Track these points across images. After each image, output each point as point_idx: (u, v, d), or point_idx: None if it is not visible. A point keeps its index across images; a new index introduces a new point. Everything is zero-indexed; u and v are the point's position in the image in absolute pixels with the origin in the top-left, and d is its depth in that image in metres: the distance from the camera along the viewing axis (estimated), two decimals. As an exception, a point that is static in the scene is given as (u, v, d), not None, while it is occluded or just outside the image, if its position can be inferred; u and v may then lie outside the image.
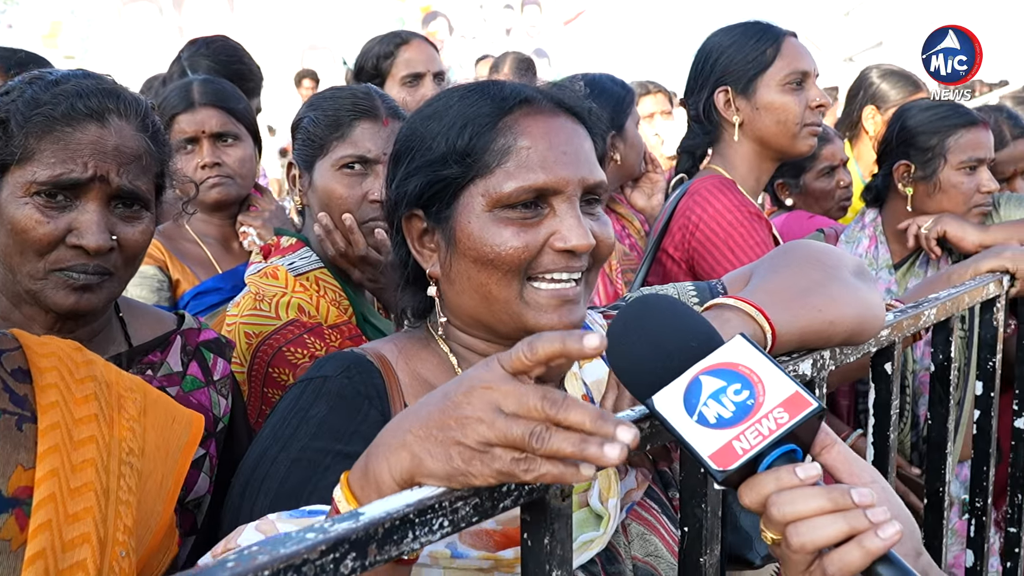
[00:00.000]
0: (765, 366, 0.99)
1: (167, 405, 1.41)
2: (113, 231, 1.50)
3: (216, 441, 1.66)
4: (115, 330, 1.65)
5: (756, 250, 2.31)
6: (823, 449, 1.03)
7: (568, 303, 1.32)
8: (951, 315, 1.92)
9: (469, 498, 0.89)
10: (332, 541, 0.78)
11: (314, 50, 13.97)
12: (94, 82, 1.52)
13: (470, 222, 1.31)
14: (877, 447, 1.76)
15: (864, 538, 0.92)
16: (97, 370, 1.34)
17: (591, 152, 1.36)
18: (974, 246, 2.69)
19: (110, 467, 1.26)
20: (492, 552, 1.22)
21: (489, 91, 1.36)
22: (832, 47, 13.29)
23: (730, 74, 2.47)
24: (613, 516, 1.32)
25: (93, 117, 1.47)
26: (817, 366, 1.43)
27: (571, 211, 1.30)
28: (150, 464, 1.33)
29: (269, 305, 2.02)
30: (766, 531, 0.99)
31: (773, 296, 1.37)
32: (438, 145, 1.33)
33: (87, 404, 1.29)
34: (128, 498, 1.26)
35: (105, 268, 1.50)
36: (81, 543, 1.19)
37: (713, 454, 0.97)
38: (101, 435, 1.27)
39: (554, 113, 1.35)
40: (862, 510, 0.93)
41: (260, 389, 1.93)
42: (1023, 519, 2.45)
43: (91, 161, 1.46)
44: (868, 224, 2.95)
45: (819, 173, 3.58)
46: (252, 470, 1.28)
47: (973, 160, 2.77)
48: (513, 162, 1.30)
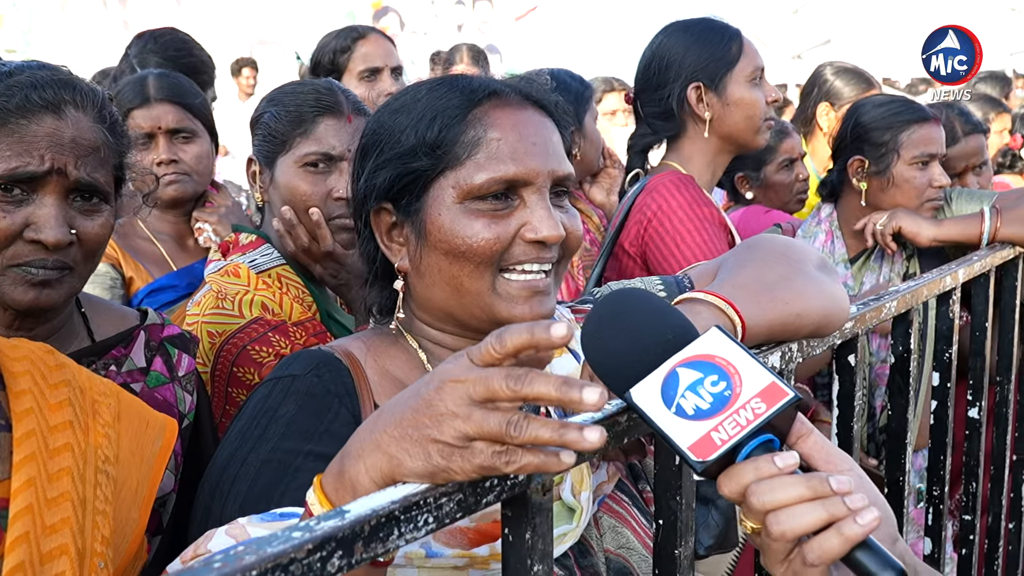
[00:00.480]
0: (741, 357, 1.00)
1: (140, 409, 1.38)
2: (72, 225, 1.46)
3: (182, 438, 1.62)
4: (77, 326, 1.61)
5: (708, 247, 2.32)
6: (799, 438, 1.04)
7: (538, 294, 1.32)
8: (911, 307, 1.96)
9: (453, 494, 0.89)
10: (319, 539, 0.77)
11: (263, 44, 13.79)
12: (49, 73, 1.48)
13: (440, 214, 1.31)
14: (841, 438, 1.78)
15: (843, 525, 0.93)
16: (70, 374, 1.30)
17: (559, 144, 1.37)
18: (929, 240, 2.75)
19: (86, 476, 1.22)
20: (467, 550, 1.22)
21: (458, 84, 1.36)
22: (780, 44, 13.45)
23: (702, 70, 2.49)
24: (586, 509, 1.33)
25: (49, 109, 1.43)
26: (785, 358, 1.45)
27: (541, 202, 1.31)
28: (124, 471, 1.29)
29: (232, 303, 1.99)
30: (745, 520, 0.99)
31: (741, 290, 1.38)
32: (407, 138, 1.33)
33: (62, 410, 1.25)
34: (105, 507, 1.23)
35: (64, 263, 1.46)
36: (59, 555, 1.15)
37: (692, 445, 0.97)
38: (77, 442, 1.23)
39: (522, 105, 1.35)
40: (840, 497, 0.94)
41: (224, 389, 1.90)
42: (977, 507, 2.51)
43: (48, 154, 1.42)
44: (824, 219, 2.99)
45: (779, 166, 3.63)
46: (221, 472, 1.26)
47: (925, 155, 2.81)
48: (483, 153, 1.30)
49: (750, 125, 2.49)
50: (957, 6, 10.54)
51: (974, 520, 2.50)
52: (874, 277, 2.88)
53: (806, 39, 13.97)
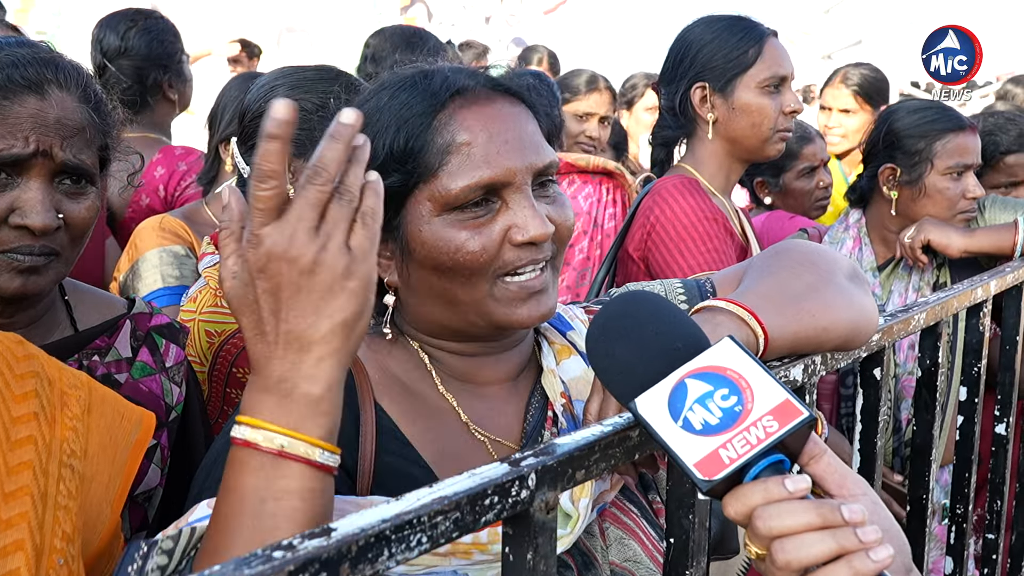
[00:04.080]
0: (754, 371, 0.95)
1: (114, 402, 1.33)
2: (59, 209, 1.41)
3: (168, 431, 1.58)
4: (60, 314, 1.56)
5: (712, 254, 2.26)
6: (812, 459, 0.98)
7: (536, 294, 1.27)
8: (940, 320, 1.89)
9: (449, 512, 0.84)
10: (301, 561, 0.72)
11: (291, 32, 13.82)
12: (30, 51, 1.43)
13: (421, 230, 1.25)
14: (864, 454, 1.72)
15: (854, 559, 0.87)
16: (39, 365, 1.25)
17: (536, 133, 1.30)
18: (959, 252, 2.67)
19: (49, 470, 1.18)
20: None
21: (419, 86, 1.28)
22: (811, 44, 13.31)
23: (709, 71, 2.41)
24: (583, 516, 1.27)
25: (32, 89, 1.38)
26: (808, 371, 1.39)
27: (524, 201, 1.25)
28: (94, 465, 1.25)
29: None
30: (751, 544, 0.94)
31: (766, 299, 1.32)
32: (376, 152, 1.26)
33: (26, 402, 1.20)
34: (67, 503, 1.18)
35: (52, 248, 1.42)
36: (15, 551, 1.11)
37: (698, 462, 0.92)
38: (41, 435, 1.19)
39: (490, 99, 1.28)
40: (852, 528, 0.88)
41: (222, 390, 1.87)
42: (1001, 525, 2.43)
43: (32, 135, 1.37)
44: (852, 225, 2.91)
45: (799, 173, 3.55)
46: (212, 463, 1.21)
47: (960, 166, 2.72)
48: (455, 161, 1.23)
49: (756, 133, 2.40)
50: (987, 8, 10.39)
51: (997, 539, 2.43)
52: (903, 285, 2.80)
53: (837, 39, 13.82)
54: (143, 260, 2.50)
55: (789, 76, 2.44)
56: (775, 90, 2.40)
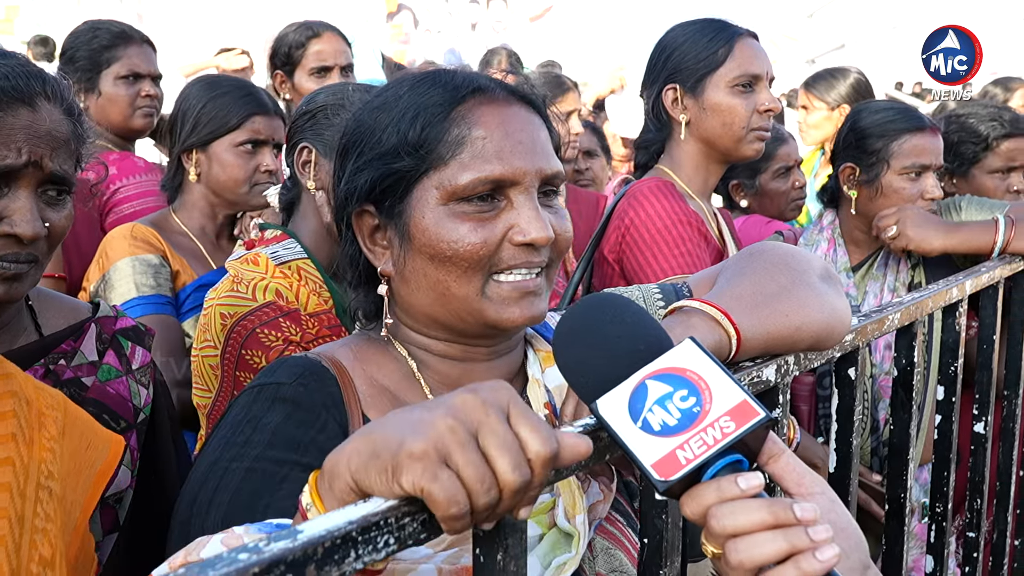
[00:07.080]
0: (713, 372, 0.96)
1: (84, 426, 1.33)
2: (43, 217, 1.43)
3: (137, 433, 1.59)
4: (24, 319, 1.57)
5: (685, 257, 2.26)
6: (770, 459, 1.00)
7: (529, 295, 1.28)
8: (915, 319, 1.90)
9: (417, 514, 0.84)
10: (267, 563, 0.72)
11: (277, 41, 13.80)
12: (17, 63, 1.45)
13: (424, 217, 1.26)
14: (840, 453, 1.73)
15: (802, 559, 0.89)
16: (16, 384, 1.25)
17: (547, 142, 1.32)
18: (938, 251, 2.66)
19: (26, 492, 1.17)
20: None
21: (440, 80, 1.31)
22: (795, 48, 13.36)
23: (680, 71, 2.42)
24: (583, 533, 1.27)
25: (24, 101, 1.40)
26: (781, 372, 1.40)
27: (529, 203, 1.26)
28: (62, 489, 1.24)
29: (247, 287, 1.97)
30: (707, 544, 0.95)
31: (739, 300, 1.33)
32: (389, 137, 1.28)
33: (5, 422, 1.20)
34: (45, 525, 1.18)
35: (35, 255, 1.44)
36: None
37: (656, 463, 0.93)
38: (19, 456, 1.18)
39: (508, 102, 1.30)
40: (803, 527, 0.90)
41: (233, 373, 1.87)
42: (982, 524, 2.45)
43: (25, 146, 1.39)
44: (826, 227, 2.92)
45: (774, 174, 3.56)
46: (202, 481, 1.19)
47: (917, 166, 2.70)
48: (468, 153, 1.25)
49: (729, 133, 2.40)
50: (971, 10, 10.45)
51: (978, 537, 2.44)
52: (878, 286, 2.80)
53: (820, 44, 13.88)
54: (115, 269, 2.50)
55: (763, 75, 2.42)
56: (747, 89, 2.40)
